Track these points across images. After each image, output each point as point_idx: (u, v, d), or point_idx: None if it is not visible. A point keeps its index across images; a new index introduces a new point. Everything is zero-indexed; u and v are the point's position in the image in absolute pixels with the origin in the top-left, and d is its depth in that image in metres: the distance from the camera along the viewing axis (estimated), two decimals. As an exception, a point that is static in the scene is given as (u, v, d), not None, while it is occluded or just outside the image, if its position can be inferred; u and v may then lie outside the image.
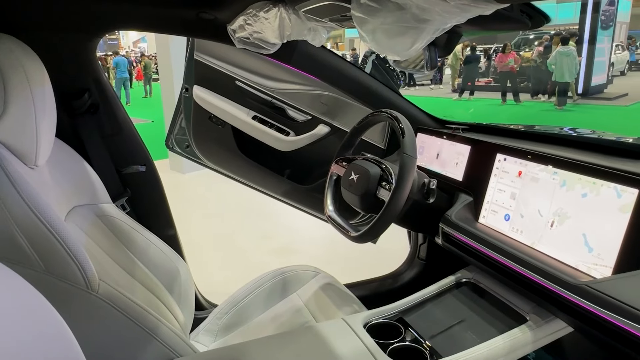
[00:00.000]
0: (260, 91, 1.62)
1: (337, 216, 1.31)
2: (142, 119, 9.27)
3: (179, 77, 1.72)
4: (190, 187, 4.92)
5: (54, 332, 0.53)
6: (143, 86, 15.06)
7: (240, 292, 1.44)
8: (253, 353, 0.96)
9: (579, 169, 0.97)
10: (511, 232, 1.10)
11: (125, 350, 0.86)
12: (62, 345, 0.54)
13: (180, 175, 5.25)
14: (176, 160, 5.26)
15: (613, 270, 0.86)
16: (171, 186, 3.67)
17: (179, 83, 1.66)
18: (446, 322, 1.09)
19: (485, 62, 14.53)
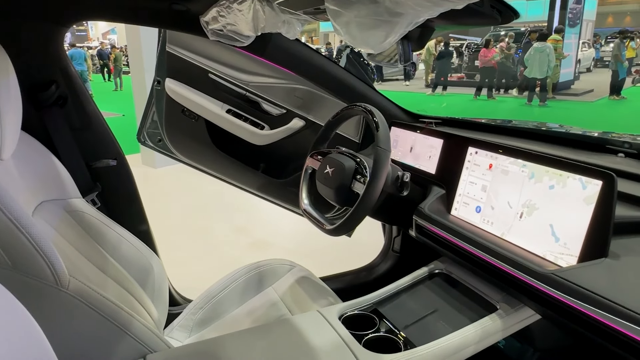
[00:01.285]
0: (234, 84, 1.61)
1: (313, 210, 1.32)
2: (113, 113, 9.05)
3: (151, 69, 1.68)
4: (162, 181, 4.84)
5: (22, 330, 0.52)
6: (113, 79, 14.72)
7: (215, 287, 1.43)
8: (228, 347, 0.96)
9: (547, 161, 1.00)
10: (482, 224, 1.12)
11: (98, 347, 0.85)
12: (31, 343, 0.52)
13: (153, 169, 5.16)
14: (148, 155, 5.17)
15: (578, 259, 0.89)
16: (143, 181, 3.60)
17: (150, 76, 1.63)
18: (419, 312, 1.11)
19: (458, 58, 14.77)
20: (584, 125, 7.49)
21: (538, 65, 9.76)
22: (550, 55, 9.68)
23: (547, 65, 9.70)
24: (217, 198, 4.06)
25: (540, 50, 9.77)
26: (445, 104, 10.93)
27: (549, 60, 9.66)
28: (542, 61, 9.69)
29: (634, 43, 12.48)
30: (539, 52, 9.75)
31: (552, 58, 9.73)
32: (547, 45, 9.79)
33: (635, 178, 1.07)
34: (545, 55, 9.67)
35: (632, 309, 0.74)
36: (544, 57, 9.68)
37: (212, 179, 1.85)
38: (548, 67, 9.76)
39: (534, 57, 9.82)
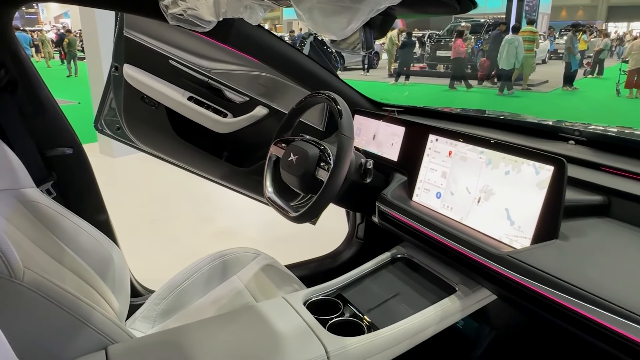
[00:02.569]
0: (195, 71, 1.57)
1: (277, 197, 1.32)
2: (67, 100, 8.68)
3: (108, 55, 1.62)
4: (122, 171, 4.71)
5: None
6: (66, 65, 14.10)
7: (179, 277, 1.41)
8: (192, 335, 0.95)
9: (503, 148, 1.04)
10: (442, 209, 1.16)
11: (57, 339, 0.83)
12: None
13: (111, 159, 5.00)
14: (106, 144, 5.00)
15: (531, 241, 0.93)
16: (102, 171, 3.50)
17: (107, 62, 1.57)
18: (382, 296, 1.14)
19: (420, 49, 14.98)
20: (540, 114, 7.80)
21: (506, 56, 10.06)
22: (519, 48, 9.97)
23: (515, 57, 9.99)
24: (179, 188, 3.98)
25: (509, 41, 10.07)
26: (407, 92, 11.07)
27: (517, 52, 9.96)
28: (510, 53, 9.99)
29: (586, 36, 13.03)
30: (509, 44, 10.05)
31: (521, 50, 10.03)
32: (516, 37, 10.09)
33: (584, 164, 1.13)
34: (513, 47, 9.96)
35: (578, 286, 0.79)
36: (512, 48, 9.98)
37: (174, 168, 1.82)
38: (516, 59, 10.05)
39: (504, 48, 10.12)
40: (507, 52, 9.99)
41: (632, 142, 1.24)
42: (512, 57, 9.98)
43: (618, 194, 0.99)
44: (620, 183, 1.01)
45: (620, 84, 10.16)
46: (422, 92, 11.06)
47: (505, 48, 10.05)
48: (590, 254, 0.87)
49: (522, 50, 10.03)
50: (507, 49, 10.00)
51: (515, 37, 10.06)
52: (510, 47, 9.97)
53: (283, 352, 0.91)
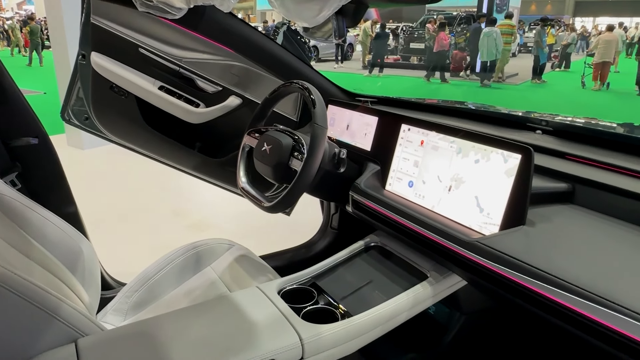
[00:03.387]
0: (166, 60, 1.54)
1: (250, 187, 1.31)
2: (32, 90, 8.38)
3: (74, 43, 1.57)
4: (91, 163, 4.59)
5: None
6: (28, 54, 13.61)
7: (151, 269, 1.39)
8: (165, 326, 0.95)
9: (473, 137, 1.06)
10: (414, 198, 1.18)
11: (25, 333, 0.81)
12: None
13: (80, 151, 4.87)
14: (74, 135, 4.86)
15: (500, 228, 0.96)
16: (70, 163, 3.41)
17: (74, 50, 1.51)
18: (356, 283, 1.15)
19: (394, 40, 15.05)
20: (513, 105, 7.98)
21: (486, 48, 10.26)
22: (498, 40, 10.17)
23: (495, 48, 10.20)
24: (151, 180, 3.91)
25: (487, 34, 10.26)
26: (380, 83, 11.12)
27: (497, 44, 10.16)
28: (490, 45, 10.19)
29: (554, 30, 13.34)
30: (487, 37, 10.24)
31: (500, 42, 10.23)
32: (494, 30, 10.26)
33: (550, 153, 1.16)
34: (492, 39, 10.16)
35: (544, 270, 0.81)
36: (490, 41, 10.18)
37: (146, 160, 1.78)
38: (496, 51, 10.26)
39: (483, 41, 10.31)
40: (488, 44, 10.18)
41: (596, 132, 1.28)
42: (493, 48, 10.19)
43: (582, 182, 1.02)
44: (584, 171, 1.05)
45: (585, 76, 10.52)
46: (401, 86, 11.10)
47: (485, 41, 10.24)
48: (555, 239, 0.90)
49: (501, 42, 10.24)
50: (487, 42, 10.19)
51: (493, 30, 10.26)
52: (490, 40, 10.17)
53: (257, 341, 0.92)
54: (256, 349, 0.89)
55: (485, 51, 10.31)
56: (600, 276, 0.78)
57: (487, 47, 10.22)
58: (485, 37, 10.28)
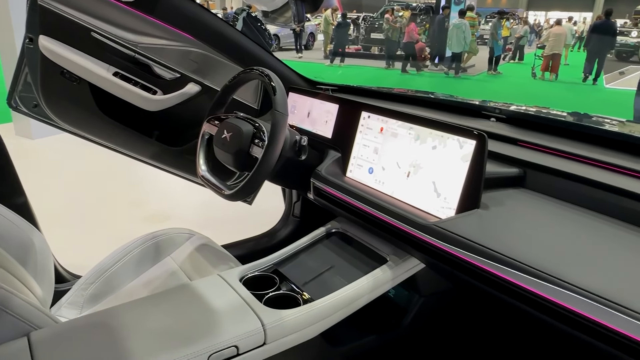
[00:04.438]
0: (121, 45, 1.49)
1: (211, 176, 1.29)
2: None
3: (21, 25, 1.49)
4: (42, 153, 4.38)
5: None
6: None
7: (108, 260, 1.35)
8: (123, 317, 0.93)
9: (430, 124, 1.08)
10: (374, 184, 1.20)
11: None
12: None
13: (29, 141, 4.64)
14: (23, 124, 4.62)
15: (456, 211, 0.99)
16: (19, 154, 3.24)
17: (20, 33, 1.43)
18: (317, 269, 1.17)
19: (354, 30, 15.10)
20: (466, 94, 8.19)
21: (455, 39, 10.51)
22: (466, 32, 10.46)
23: (463, 40, 10.48)
24: (107, 170, 3.78)
25: (457, 26, 10.52)
26: (340, 72, 11.16)
27: (465, 36, 10.44)
28: (459, 36, 10.46)
29: (508, 23, 13.75)
30: (456, 28, 10.50)
31: (468, 34, 10.52)
32: (463, 22, 10.53)
33: (503, 139, 1.21)
34: (461, 31, 10.43)
35: (497, 251, 0.85)
36: (459, 32, 10.44)
37: (102, 149, 1.72)
38: (465, 42, 10.53)
39: (453, 32, 10.57)
40: (457, 36, 10.46)
41: (546, 119, 1.34)
42: (462, 40, 10.48)
43: (532, 167, 1.07)
44: (534, 156, 1.10)
45: (535, 67, 11.03)
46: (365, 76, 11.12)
47: (454, 32, 10.52)
48: (507, 221, 0.94)
49: (469, 34, 10.54)
50: (457, 33, 10.47)
51: (462, 22, 10.55)
52: (459, 31, 10.45)
53: (219, 327, 0.91)
54: (218, 336, 0.89)
55: (455, 42, 10.59)
56: (549, 255, 0.82)
57: (456, 38, 10.51)
58: (454, 28, 10.57)
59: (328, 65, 12.24)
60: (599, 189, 0.95)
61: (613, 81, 10.63)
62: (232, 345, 0.89)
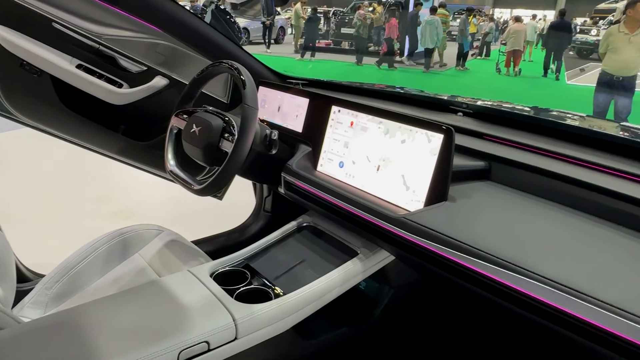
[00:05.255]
0: (84, 36, 1.44)
1: (180, 171, 1.27)
2: None
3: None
4: (1, 149, 4.21)
5: None
6: None
7: (73, 258, 1.32)
8: (89, 315, 0.91)
9: (399, 118, 1.10)
10: (345, 178, 1.20)
11: None
12: None
13: (-13, 136, 4.45)
14: (-20, 119, 4.43)
15: (424, 204, 1.01)
16: (-25, 148, 3.10)
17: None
18: (289, 263, 1.17)
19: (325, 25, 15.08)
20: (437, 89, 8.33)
21: (429, 36, 10.68)
22: (439, 28, 10.65)
23: (436, 36, 10.67)
24: (72, 166, 3.67)
25: (430, 22, 10.68)
26: (310, 66, 11.16)
27: (437, 32, 10.63)
28: (432, 33, 10.63)
29: (475, 20, 14.04)
30: (429, 25, 10.65)
31: (440, 30, 10.72)
32: (435, 18, 10.71)
33: (470, 133, 1.24)
34: (433, 27, 10.60)
35: (464, 242, 0.87)
36: (432, 29, 10.61)
37: (65, 144, 1.67)
38: (437, 38, 10.72)
39: (425, 28, 10.73)
40: (429, 32, 10.64)
41: (510, 114, 1.38)
42: (435, 36, 10.66)
43: (497, 160, 1.10)
44: (500, 150, 1.13)
45: (500, 63, 11.38)
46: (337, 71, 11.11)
47: (427, 28, 10.69)
48: (474, 213, 0.97)
49: (441, 30, 10.77)
50: (429, 29, 10.65)
51: (434, 18, 10.74)
52: (431, 28, 10.63)
53: (189, 323, 0.91)
54: (188, 332, 0.88)
55: (428, 38, 10.78)
56: (513, 246, 0.85)
57: (429, 34, 10.70)
58: (427, 25, 10.75)
59: (299, 59, 12.19)
60: (562, 181, 0.98)
61: (574, 77, 11.01)
62: (203, 341, 0.89)
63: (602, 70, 4.98)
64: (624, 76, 4.77)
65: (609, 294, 0.70)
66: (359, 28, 12.03)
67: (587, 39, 14.29)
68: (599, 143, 1.11)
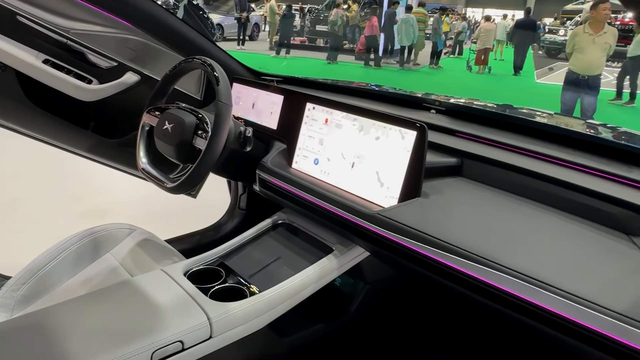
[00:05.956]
0: (51, 30, 1.40)
1: (152, 168, 1.25)
2: None
3: None
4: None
5: None
6: None
7: (41, 259, 1.28)
8: (58, 317, 0.88)
9: (373, 115, 1.11)
10: (320, 175, 1.21)
11: None
12: None
13: (-51, 134, 4.27)
14: (-59, 116, 4.24)
15: (398, 200, 1.02)
16: None
17: None
18: (264, 261, 1.16)
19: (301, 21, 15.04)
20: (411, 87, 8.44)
21: (405, 33, 10.85)
22: (414, 26, 10.82)
23: (412, 33, 10.85)
24: (39, 163, 3.56)
25: (405, 21, 10.84)
26: (285, 63, 11.13)
27: (413, 30, 10.81)
28: (407, 30, 10.82)
29: (448, 19, 14.24)
30: (404, 23, 10.82)
31: (416, 28, 10.89)
32: (410, 16, 10.89)
33: (443, 130, 1.26)
34: (409, 25, 10.77)
35: (437, 237, 0.89)
36: (407, 27, 10.78)
37: (32, 142, 1.62)
38: (413, 36, 10.91)
39: (401, 26, 10.88)
40: (406, 30, 10.81)
41: (482, 111, 1.41)
42: (411, 34, 10.85)
43: (469, 156, 1.12)
44: (471, 146, 1.15)
45: (470, 61, 11.71)
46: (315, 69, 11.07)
47: (403, 27, 10.85)
48: (446, 208, 0.98)
49: (417, 28, 10.93)
50: (405, 28, 10.81)
51: (410, 17, 10.92)
52: (407, 26, 10.80)
53: (163, 323, 0.89)
54: (161, 332, 0.87)
55: (404, 36, 10.94)
56: (484, 240, 0.87)
57: (405, 32, 10.86)
58: (403, 23, 10.90)
59: (274, 56, 12.12)
60: (531, 177, 1.01)
61: (543, 76, 11.30)
62: (177, 341, 0.88)
63: (569, 70, 5.15)
64: (589, 75, 4.95)
65: (576, 286, 0.72)
66: (335, 26, 12.05)
67: (556, 39, 14.69)
68: (566, 140, 1.15)
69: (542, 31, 16.06)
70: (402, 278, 1.33)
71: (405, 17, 11.00)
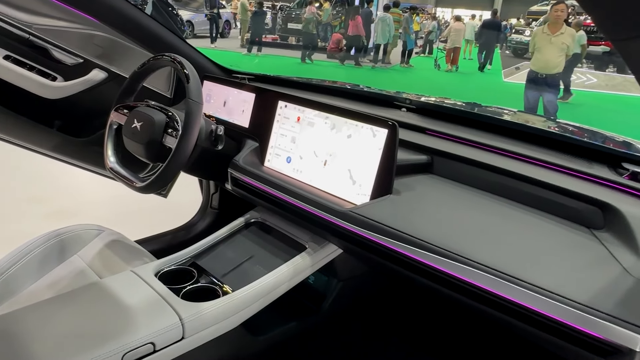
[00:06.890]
0: (12, 25, 1.35)
1: (121, 167, 1.23)
2: None
3: None
4: None
5: None
6: None
7: (4, 262, 1.23)
8: (24, 321, 0.86)
9: (345, 113, 1.11)
10: (292, 173, 1.21)
11: None
12: None
13: None
14: None
15: (370, 197, 1.04)
16: None
17: None
18: (237, 260, 1.16)
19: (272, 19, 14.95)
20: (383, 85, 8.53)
21: (381, 32, 11.08)
22: (390, 25, 11.02)
23: (388, 32, 11.05)
24: (1, 165, 3.43)
25: (382, 19, 11.06)
26: (257, 60, 11.08)
27: (390, 28, 11.01)
28: (383, 29, 11.04)
29: (418, 18, 14.44)
30: (381, 21, 11.02)
31: (392, 27, 11.08)
32: (387, 15, 11.09)
33: (413, 128, 1.28)
34: (385, 24, 10.97)
35: (408, 233, 0.90)
36: (384, 25, 10.98)
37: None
38: (389, 35, 11.10)
39: (378, 25, 11.11)
40: (382, 29, 11.01)
41: (451, 110, 1.44)
42: (387, 32, 11.03)
43: (439, 154, 1.14)
44: (441, 144, 1.17)
45: (438, 59, 12.12)
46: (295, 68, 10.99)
47: (380, 25, 11.06)
48: (417, 205, 1.00)
49: (393, 27, 11.12)
50: (382, 26, 11.01)
51: (386, 15, 11.13)
52: (384, 25, 11.00)
53: (133, 325, 0.88)
54: (132, 334, 0.86)
55: (380, 35, 11.13)
56: (454, 235, 0.89)
57: (381, 31, 11.06)
58: (380, 22, 11.13)
59: (245, 54, 12.01)
60: (497, 173, 1.04)
61: (510, 75, 11.60)
62: (148, 342, 0.86)
63: (530, 69, 5.35)
64: (547, 74, 5.17)
65: (540, 278, 0.75)
66: (309, 24, 12.04)
67: (522, 39, 15.07)
68: (530, 137, 1.18)
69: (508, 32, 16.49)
70: (375, 275, 1.35)
71: (382, 16, 11.23)
